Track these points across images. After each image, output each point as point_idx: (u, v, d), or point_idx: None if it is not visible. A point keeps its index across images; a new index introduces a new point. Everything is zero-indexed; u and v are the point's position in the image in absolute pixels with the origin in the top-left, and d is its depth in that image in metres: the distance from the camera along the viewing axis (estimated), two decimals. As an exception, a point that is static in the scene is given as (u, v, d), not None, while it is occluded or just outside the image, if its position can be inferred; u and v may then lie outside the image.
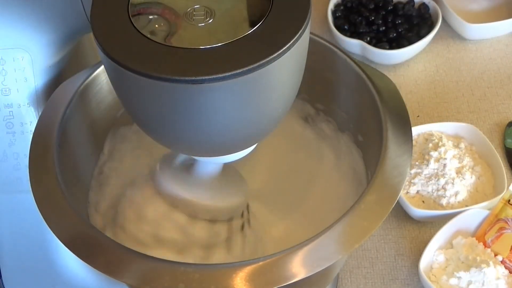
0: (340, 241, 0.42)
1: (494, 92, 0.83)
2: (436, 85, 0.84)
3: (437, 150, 0.69)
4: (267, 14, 0.39)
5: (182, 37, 0.38)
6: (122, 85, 0.40)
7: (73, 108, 0.52)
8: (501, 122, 0.79)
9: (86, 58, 0.65)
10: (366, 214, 0.43)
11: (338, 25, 0.88)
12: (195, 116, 0.39)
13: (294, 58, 0.39)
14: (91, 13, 0.40)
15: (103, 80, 0.54)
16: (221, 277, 0.40)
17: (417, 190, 0.69)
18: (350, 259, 0.66)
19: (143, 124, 0.43)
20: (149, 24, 0.39)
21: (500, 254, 0.62)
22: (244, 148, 0.46)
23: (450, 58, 0.88)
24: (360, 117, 0.56)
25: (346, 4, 0.90)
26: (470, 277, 0.59)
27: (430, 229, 0.68)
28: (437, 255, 0.63)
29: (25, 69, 0.55)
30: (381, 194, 0.44)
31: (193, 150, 0.45)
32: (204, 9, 0.40)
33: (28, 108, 0.56)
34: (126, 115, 0.51)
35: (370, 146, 0.53)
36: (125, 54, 0.37)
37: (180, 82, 0.36)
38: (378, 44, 0.85)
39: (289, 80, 0.41)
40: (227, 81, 0.36)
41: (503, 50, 0.88)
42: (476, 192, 0.69)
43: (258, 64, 0.36)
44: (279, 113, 0.43)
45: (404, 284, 0.64)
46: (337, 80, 0.57)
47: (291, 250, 0.41)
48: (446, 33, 0.90)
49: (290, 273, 0.40)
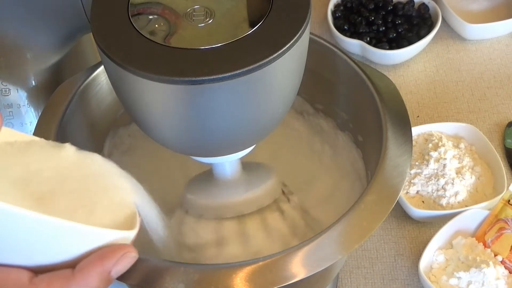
0: (340, 241, 0.42)
1: (494, 92, 0.83)
2: (436, 85, 0.84)
3: (437, 150, 0.69)
4: (267, 14, 0.39)
5: (182, 37, 0.38)
6: (122, 86, 0.40)
7: (73, 108, 0.52)
8: (501, 122, 0.79)
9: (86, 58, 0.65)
10: (366, 214, 0.43)
11: (338, 25, 0.88)
12: (195, 117, 0.39)
13: (294, 58, 0.39)
14: (91, 13, 0.40)
15: (103, 80, 0.54)
16: (221, 277, 0.40)
17: (417, 190, 0.69)
18: (350, 259, 0.66)
19: (143, 124, 0.43)
20: (149, 24, 0.39)
21: (500, 254, 0.62)
22: (244, 148, 0.46)
23: (450, 58, 0.88)
24: (360, 117, 0.56)
25: (346, 4, 0.91)
26: (470, 277, 0.59)
27: (430, 229, 0.68)
28: (437, 255, 0.63)
29: (25, 69, 0.55)
30: (381, 194, 0.44)
31: (192, 150, 0.45)
32: (204, 10, 0.40)
33: (28, 108, 0.56)
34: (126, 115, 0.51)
35: (370, 146, 0.53)
36: (125, 55, 0.37)
37: (180, 82, 0.36)
38: (378, 44, 0.85)
39: (289, 80, 0.41)
40: (227, 81, 0.36)
41: (503, 50, 0.88)
42: (476, 192, 0.69)
43: (258, 64, 0.36)
44: (279, 113, 0.43)
45: (404, 284, 0.64)
46: (337, 80, 0.57)
47: (291, 250, 0.41)
48: (446, 33, 0.90)
49: (290, 273, 0.40)
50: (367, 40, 0.85)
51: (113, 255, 0.34)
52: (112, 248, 0.34)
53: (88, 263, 0.33)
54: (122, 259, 0.34)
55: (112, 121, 0.58)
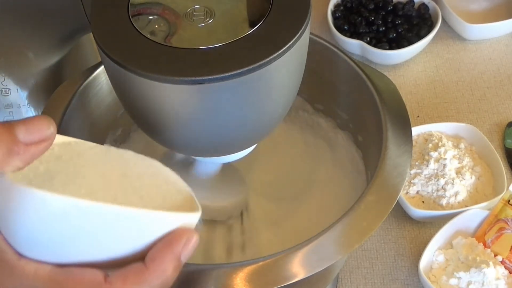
0: (340, 242, 0.42)
1: (494, 92, 0.83)
2: (436, 86, 0.84)
3: (437, 151, 0.69)
4: (267, 14, 0.39)
5: (182, 37, 0.38)
6: (122, 86, 0.40)
7: (73, 108, 0.52)
8: (501, 122, 0.79)
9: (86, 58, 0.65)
10: (366, 214, 0.43)
11: (338, 25, 0.88)
12: (194, 116, 0.39)
13: (294, 58, 0.39)
14: (91, 13, 0.40)
15: (103, 80, 0.54)
16: (221, 277, 0.40)
17: (417, 190, 0.69)
18: (350, 259, 0.66)
19: (143, 124, 0.43)
20: (149, 24, 0.39)
21: (500, 254, 0.62)
22: (244, 148, 0.46)
23: (450, 58, 0.88)
24: (360, 117, 0.56)
25: (346, 4, 0.91)
26: (470, 277, 0.59)
27: (430, 229, 0.68)
28: (437, 255, 0.63)
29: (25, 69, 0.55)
30: (381, 194, 0.44)
31: (193, 150, 0.45)
32: (204, 9, 0.40)
33: (28, 108, 0.56)
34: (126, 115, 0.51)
35: (370, 146, 0.53)
36: (125, 55, 0.37)
37: (180, 82, 0.36)
38: (378, 45, 0.85)
39: (289, 80, 0.41)
40: (227, 81, 0.36)
41: (503, 50, 0.88)
42: (476, 192, 0.69)
43: (258, 64, 0.36)
44: (279, 113, 0.43)
45: (404, 284, 0.64)
46: (337, 80, 0.57)
47: (291, 250, 0.41)
48: (446, 33, 0.90)
49: (290, 273, 0.40)
50: (367, 40, 0.85)
51: (180, 239, 0.32)
52: (177, 232, 0.33)
53: (158, 251, 0.32)
54: (188, 242, 0.33)
55: (112, 121, 0.58)
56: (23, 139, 0.31)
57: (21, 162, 0.31)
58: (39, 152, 0.32)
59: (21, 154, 0.31)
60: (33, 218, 0.30)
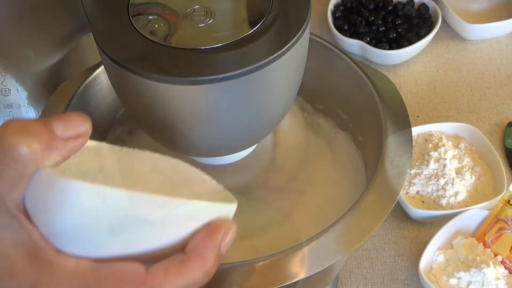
0: (340, 241, 0.42)
1: (494, 92, 0.83)
2: (436, 86, 0.84)
3: (437, 151, 0.69)
4: (267, 14, 0.39)
5: (182, 37, 0.38)
6: (122, 86, 0.40)
7: (73, 108, 0.52)
8: (501, 122, 0.79)
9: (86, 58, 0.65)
10: (366, 214, 0.43)
11: (338, 25, 0.88)
12: (194, 117, 0.39)
13: (294, 58, 0.39)
14: (91, 13, 0.40)
15: (103, 80, 0.54)
16: (221, 277, 0.40)
17: (417, 190, 0.69)
18: (350, 259, 0.66)
19: (143, 124, 0.43)
20: (149, 25, 0.39)
21: (500, 254, 0.62)
22: (244, 148, 0.46)
23: (450, 58, 0.88)
24: (360, 117, 0.56)
25: (346, 4, 0.91)
26: (470, 277, 0.59)
27: (430, 230, 0.68)
28: (437, 256, 0.63)
29: (25, 69, 0.55)
30: (381, 194, 0.44)
31: (192, 150, 0.45)
32: (204, 10, 0.40)
33: (28, 108, 0.56)
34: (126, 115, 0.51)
35: (370, 146, 0.53)
36: (125, 55, 0.37)
37: (180, 82, 0.36)
38: (378, 45, 0.85)
39: (289, 80, 0.41)
40: (227, 81, 0.36)
41: (503, 50, 0.88)
42: (476, 193, 0.69)
43: (258, 64, 0.36)
44: (279, 113, 0.43)
45: (404, 284, 0.64)
46: (337, 80, 0.57)
47: (291, 250, 0.41)
48: (446, 33, 0.90)
49: (290, 273, 0.40)
50: (367, 40, 0.85)
51: (219, 229, 0.32)
52: (216, 223, 0.32)
53: (199, 241, 0.31)
54: (227, 233, 0.32)
55: (112, 121, 0.58)
56: (61, 134, 0.31)
57: (59, 157, 0.31)
58: (76, 147, 0.32)
59: (59, 149, 0.31)
60: (74, 211, 0.30)
